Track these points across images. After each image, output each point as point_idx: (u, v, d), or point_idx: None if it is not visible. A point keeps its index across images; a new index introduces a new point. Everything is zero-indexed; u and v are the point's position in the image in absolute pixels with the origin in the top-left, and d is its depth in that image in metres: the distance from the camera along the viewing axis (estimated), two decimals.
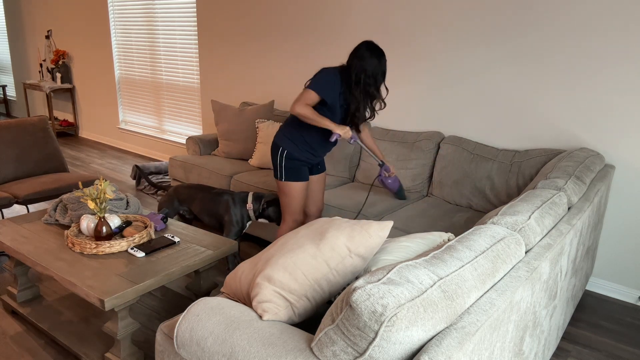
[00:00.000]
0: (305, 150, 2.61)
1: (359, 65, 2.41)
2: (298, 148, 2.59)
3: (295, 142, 2.59)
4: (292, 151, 2.58)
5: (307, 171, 2.66)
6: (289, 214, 2.70)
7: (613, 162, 2.84)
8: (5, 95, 8.35)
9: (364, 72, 2.41)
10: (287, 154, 2.58)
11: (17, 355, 2.24)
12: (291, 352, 1.19)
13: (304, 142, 2.60)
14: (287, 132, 2.61)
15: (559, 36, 2.88)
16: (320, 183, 2.83)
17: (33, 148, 3.63)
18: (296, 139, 2.59)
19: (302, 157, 2.61)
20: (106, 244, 2.19)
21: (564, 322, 2.27)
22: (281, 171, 2.62)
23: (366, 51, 2.42)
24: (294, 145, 2.59)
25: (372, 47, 2.43)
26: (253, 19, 4.41)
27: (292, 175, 2.61)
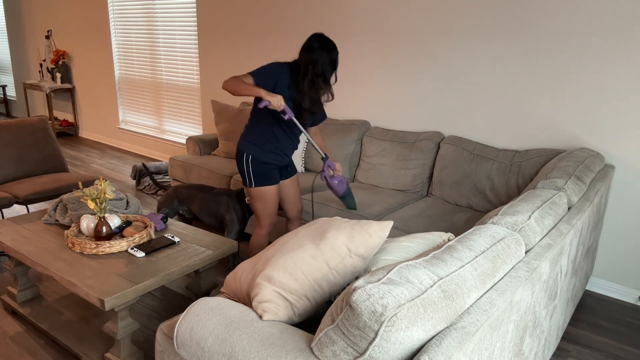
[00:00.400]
0: (271, 151, 2.54)
1: (307, 57, 2.41)
2: (263, 151, 2.52)
3: (258, 144, 2.52)
4: (257, 155, 2.51)
5: (277, 173, 2.59)
6: (264, 218, 2.64)
7: (613, 162, 2.84)
8: (5, 95, 8.35)
9: (312, 64, 2.40)
10: (253, 159, 2.51)
11: (17, 355, 2.24)
12: (291, 352, 1.19)
13: (267, 143, 2.52)
14: (248, 137, 2.54)
15: (559, 36, 2.88)
16: (294, 187, 2.76)
17: (33, 148, 3.63)
18: (258, 142, 2.52)
19: (270, 160, 2.54)
20: (106, 244, 2.19)
21: (564, 322, 2.27)
22: (249, 178, 2.54)
23: (315, 43, 2.41)
24: (258, 148, 2.52)
25: (322, 39, 2.42)
26: (253, 19, 4.41)
27: (262, 179, 2.54)
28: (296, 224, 2.88)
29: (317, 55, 2.39)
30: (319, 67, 2.40)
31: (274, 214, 2.66)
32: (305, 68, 2.41)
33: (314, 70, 2.41)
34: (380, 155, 3.47)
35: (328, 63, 2.42)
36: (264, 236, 2.68)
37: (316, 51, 2.40)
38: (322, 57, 2.40)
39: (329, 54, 2.42)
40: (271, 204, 2.61)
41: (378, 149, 3.50)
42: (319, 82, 2.44)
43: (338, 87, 3.95)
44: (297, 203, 2.81)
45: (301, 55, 2.44)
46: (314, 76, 2.42)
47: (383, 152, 3.46)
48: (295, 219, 2.86)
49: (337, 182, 2.75)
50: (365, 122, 3.72)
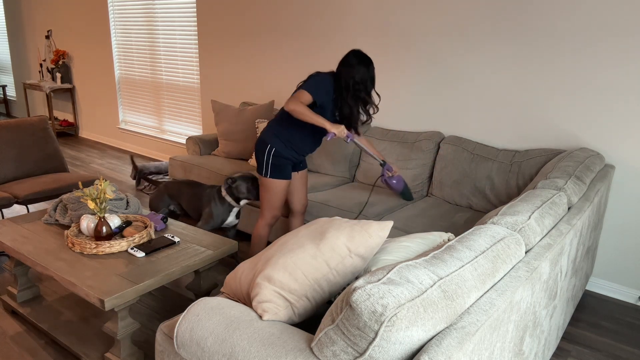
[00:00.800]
0: (291, 148, 2.64)
1: (347, 72, 2.50)
2: (285, 147, 2.62)
3: (283, 140, 2.62)
4: (279, 149, 2.61)
5: (290, 169, 2.70)
6: (269, 210, 2.73)
7: (613, 162, 2.84)
8: (5, 95, 8.35)
9: (353, 79, 2.49)
10: (275, 152, 2.61)
11: (17, 355, 2.24)
12: (291, 352, 1.19)
13: (290, 141, 2.63)
14: (276, 130, 2.63)
15: (560, 37, 2.89)
16: (302, 179, 2.88)
17: (33, 148, 3.63)
18: (284, 137, 2.62)
19: (288, 155, 2.64)
20: (106, 244, 2.19)
21: (564, 322, 2.27)
22: (266, 168, 2.64)
23: (354, 59, 2.51)
24: (281, 143, 2.62)
25: (360, 55, 2.52)
26: (253, 19, 4.41)
27: (277, 172, 2.64)
28: (299, 219, 2.95)
29: (357, 71, 2.49)
30: (359, 82, 2.50)
31: (278, 208, 2.74)
32: (347, 83, 2.51)
33: (355, 85, 2.50)
34: None
35: (367, 78, 2.52)
36: (263, 227, 2.77)
37: (355, 67, 2.49)
38: (361, 72, 2.50)
39: (367, 70, 2.51)
40: (278, 198, 2.70)
41: (378, 149, 3.50)
42: (362, 95, 2.55)
43: None
44: (303, 197, 2.90)
45: (341, 70, 2.53)
46: (356, 90, 2.52)
47: (383, 152, 3.46)
48: (298, 214, 2.93)
49: (396, 182, 2.99)
50: None
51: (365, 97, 2.57)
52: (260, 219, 2.78)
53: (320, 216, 3.08)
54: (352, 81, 2.50)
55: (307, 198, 2.94)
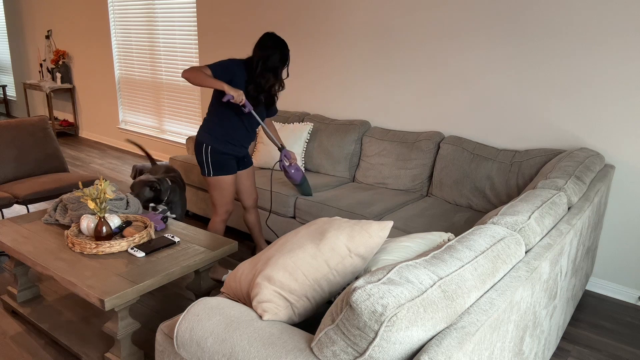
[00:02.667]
0: (228, 142, 2.72)
1: (260, 54, 2.62)
2: (221, 142, 2.70)
3: (216, 136, 2.69)
4: (216, 145, 2.69)
5: (234, 164, 2.78)
6: (220, 206, 2.81)
7: (613, 162, 2.84)
8: (5, 95, 8.35)
9: (265, 60, 2.61)
10: (211, 149, 2.69)
11: (17, 355, 2.24)
12: (291, 352, 1.19)
13: (225, 135, 2.70)
14: (208, 128, 2.71)
15: (559, 37, 2.89)
16: (249, 177, 2.96)
17: (33, 148, 3.63)
18: (218, 133, 2.70)
19: (227, 150, 2.72)
20: (106, 244, 2.19)
21: (564, 322, 2.27)
22: (208, 167, 2.72)
23: (268, 41, 2.64)
24: (216, 139, 2.69)
25: (274, 37, 2.65)
26: (253, 19, 4.41)
27: (220, 169, 2.72)
28: (252, 212, 3.05)
29: (270, 52, 2.61)
30: (269, 63, 2.62)
31: (229, 203, 2.83)
32: (257, 63, 2.62)
33: (265, 65, 2.62)
34: (380, 155, 3.47)
35: (279, 60, 2.64)
36: (219, 223, 2.85)
37: (269, 49, 2.62)
38: (275, 54, 2.62)
39: (280, 51, 2.64)
40: (227, 193, 2.79)
41: (378, 149, 3.50)
42: (269, 76, 2.65)
43: (338, 87, 3.96)
44: (253, 193, 3.00)
45: (254, 52, 2.65)
46: (264, 70, 2.63)
47: (383, 152, 3.46)
48: (251, 208, 3.03)
49: (294, 170, 2.98)
50: (365, 122, 3.72)
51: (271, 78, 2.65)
52: (214, 216, 2.85)
53: (320, 216, 3.08)
54: (261, 62, 2.61)
55: (257, 192, 3.06)
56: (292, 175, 2.98)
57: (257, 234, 3.12)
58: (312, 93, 4.15)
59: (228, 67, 2.60)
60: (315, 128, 3.82)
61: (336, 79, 3.96)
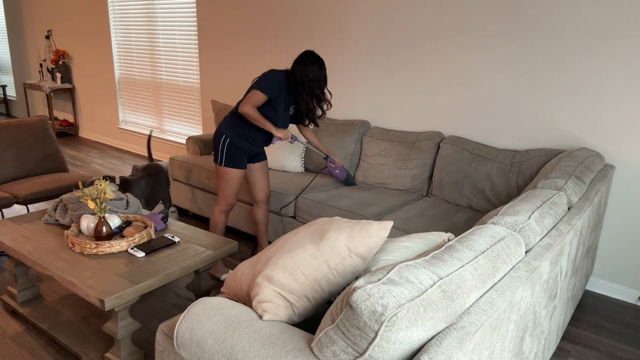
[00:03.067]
0: (246, 140, 2.82)
1: (301, 70, 2.70)
2: (240, 138, 2.80)
3: (238, 133, 2.80)
4: (234, 140, 2.79)
5: (245, 160, 2.88)
6: (223, 198, 2.90)
7: (613, 162, 2.84)
8: (5, 95, 8.35)
9: (307, 77, 2.70)
10: (230, 142, 2.80)
11: (17, 355, 2.24)
12: (291, 352, 1.19)
13: (245, 135, 2.81)
14: (232, 123, 2.82)
15: (559, 37, 2.89)
16: (263, 170, 3.04)
17: (33, 148, 3.63)
18: (239, 131, 2.80)
19: (243, 146, 2.82)
20: (106, 244, 2.19)
21: (564, 322, 2.27)
22: (221, 157, 2.82)
23: (307, 58, 2.71)
24: (236, 135, 2.80)
25: (313, 55, 2.73)
26: (253, 19, 4.41)
27: (231, 161, 2.82)
28: (262, 207, 3.11)
29: (310, 70, 2.70)
30: (313, 80, 2.71)
31: (232, 196, 2.90)
32: (301, 79, 2.71)
33: (309, 82, 2.71)
34: (380, 155, 3.47)
35: (320, 77, 2.74)
36: (218, 213, 2.94)
37: (309, 66, 2.70)
38: (315, 71, 2.71)
39: (319, 69, 2.72)
40: (232, 186, 2.87)
41: (378, 149, 3.50)
42: (317, 92, 2.75)
43: (338, 87, 3.96)
44: (265, 187, 3.07)
45: (295, 68, 2.73)
46: (310, 87, 2.72)
47: (383, 152, 3.46)
48: (262, 202, 3.09)
49: (339, 171, 3.34)
50: (365, 122, 3.72)
51: (318, 94, 2.77)
52: (216, 206, 2.95)
53: (320, 216, 3.08)
54: (306, 79, 2.70)
55: (270, 188, 3.12)
56: (337, 175, 3.37)
57: (262, 231, 3.15)
58: None
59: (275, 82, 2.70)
60: (316, 128, 3.82)
61: (336, 79, 3.96)
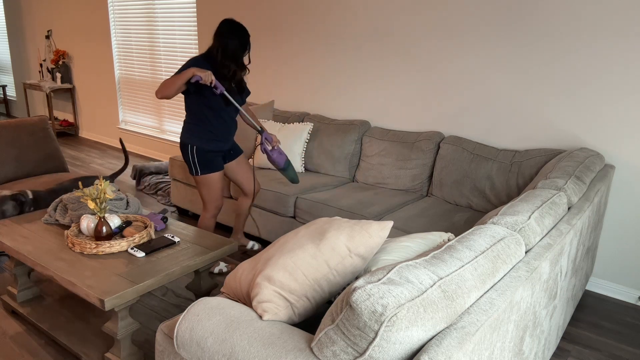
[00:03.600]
0: (212, 139, 2.75)
1: (218, 42, 2.64)
2: (205, 140, 2.73)
3: (199, 136, 2.73)
4: (200, 145, 2.73)
5: (220, 160, 2.83)
6: (210, 203, 2.88)
7: (613, 162, 2.84)
8: (5, 95, 8.35)
9: (222, 47, 2.63)
10: (197, 149, 2.73)
11: (17, 355, 2.24)
12: (291, 352, 1.19)
13: (207, 133, 2.73)
14: (188, 129, 2.76)
15: (559, 37, 2.88)
16: (242, 165, 3.00)
17: (33, 148, 3.63)
18: (201, 133, 2.73)
19: (212, 148, 2.76)
20: (106, 244, 2.19)
21: (564, 322, 2.27)
22: (195, 167, 2.77)
23: (225, 28, 2.65)
24: (199, 139, 2.73)
25: (232, 24, 2.66)
26: (253, 19, 4.41)
27: (207, 167, 2.77)
28: (249, 201, 3.12)
29: (228, 40, 2.63)
30: (229, 50, 2.64)
31: (218, 199, 2.88)
32: (217, 52, 2.65)
33: (225, 53, 2.64)
34: (380, 155, 3.47)
35: (238, 46, 2.66)
36: (209, 219, 2.92)
37: (226, 36, 2.63)
38: (233, 40, 2.64)
39: (239, 38, 2.65)
40: (216, 190, 2.85)
41: (378, 149, 3.50)
42: (229, 63, 2.66)
43: (338, 87, 3.96)
44: (250, 180, 3.04)
45: (213, 41, 2.67)
46: (224, 58, 2.65)
47: (383, 152, 3.46)
48: (250, 195, 3.09)
49: (277, 154, 2.86)
50: (365, 122, 3.72)
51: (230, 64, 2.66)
52: (204, 212, 2.91)
53: (320, 216, 3.08)
54: (221, 49, 2.63)
55: (259, 182, 3.10)
56: (275, 158, 2.84)
57: (240, 222, 3.22)
58: (312, 93, 4.15)
59: (190, 66, 2.61)
60: (315, 128, 3.82)
61: (336, 79, 3.96)
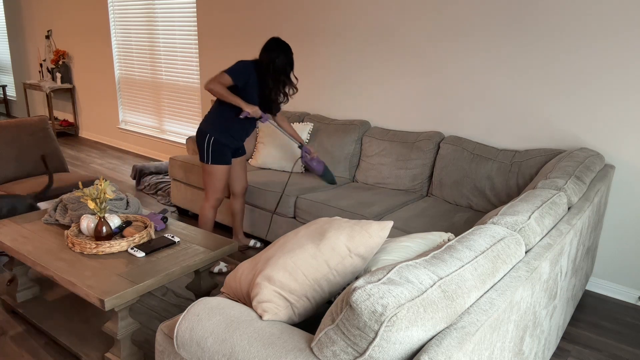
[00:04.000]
0: (229, 135, 2.93)
1: (267, 57, 2.81)
2: (222, 134, 2.90)
3: (219, 129, 2.90)
4: (218, 137, 2.90)
5: (230, 155, 2.98)
6: (212, 193, 3.01)
7: (613, 162, 2.84)
8: (5, 95, 8.35)
9: (273, 63, 2.80)
10: (214, 140, 2.89)
11: (17, 355, 2.24)
12: (291, 352, 1.19)
13: (227, 129, 2.91)
14: (212, 120, 2.93)
15: (559, 37, 2.88)
16: (241, 164, 3.18)
17: (33, 148, 3.63)
18: (221, 126, 2.90)
19: (226, 142, 2.93)
20: (106, 244, 2.19)
21: (564, 322, 2.27)
22: (208, 155, 2.92)
23: (273, 45, 2.82)
24: (218, 132, 2.90)
25: (279, 42, 2.83)
26: (253, 19, 4.41)
27: (218, 158, 2.93)
28: (240, 200, 3.26)
29: (276, 56, 2.80)
30: (279, 65, 2.80)
31: (220, 191, 3.02)
32: (267, 66, 2.81)
33: (275, 68, 2.80)
34: (380, 155, 3.47)
35: (286, 62, 2.83)
36: (208, 209, 3.04)
37: (274, 52, 2.80)
38: (280, 56, 2.80)
39: (285, 55, 2.82)
40: (220, 181, 2.98)
41: (378, 149, 3.50)
42: (282, 78, 2.85)
43: (339, 87, 3.96)
44: (243, 181, 3.22)
45: (262, 56, 2.84)
46: (275, 73, 2.82)
47: (383, 152, 3.46)
48: (239, 195, 3.25)
49: (316, 163, 3.19)
50: (365, 122, 3.72)
51: (284, 79, 2.86)
52: (205, 202, 3.04)
53: (320, 216, 3.08)
54: (272, 65, 2.80)
55: (247, 181, 3.25)
56: (314, 168, 3.19)
57: (238, 222, 3.32)
58: (312, 93, 4.15)
59: (243, 70, 2.78)
60: (315, 128, 3.82)
61: (336, 79, 3.96)
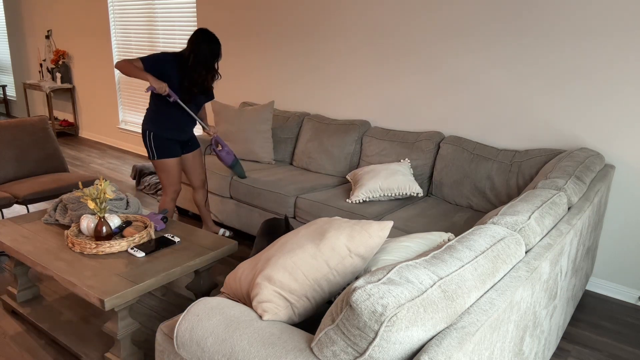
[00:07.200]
0: (169, 128, 2.98)
1: (190, 48, 2.88)
2: (162, 128, 2.96)
3: (157, 124, 2.96)
4: (157, 132, 2.96)
5: (177, 147, 3.04)
6: (169, 186, 3.09)
7: (613, 162, 2.84)
8: (5, 95, 8.35)
9: (194, 53, 2.86)
10: (154, 135, 2.96)
11: (17, 355, 2.24)
12: (291, 352, 1.19)
13: (165, 122, 2.96)
14: (148, 117, 3.00)
15: (559, 36, 2.89)
16: (196, 158, 3.24)
17: (33, 148, 3.63)
18: (157, 120, 2.96)
19: (169, 135, 2.99)
20: (106, 244, 2.19)
21: (564, 322, 2.27)
22: (152, 151, 3.00)
23: (196, 36, 2.89)
24: (156, 127, 2.96)
25: (205, 33, 2.89)
26: (253, 19, 4.41)
27: (163, 152, 2.99)
28: (200, 192, 3.34)
29: (199, 47, 2.86)
30: (200, 57, 2.87)
31: (176, 183, 3.10)
32: (187, 57, 2.88)
33: (196, 59, 2.87)
34: (380, 155, 3.47)
35: (208, 53, 2.89)
36: (168, 202, 3.13)
37: (199, 44, 2.86)
38: (202, 48, 2.86)
39: (208, 45, 2.88)
40: (173, 175, 3.06)
41: (378, 149, 3.50)
42: (201, 69, 2.90)
43: (339, 87, 3.96)
44: (201, 174, 3.29)
45: (186, 47, 2.91)
46: (196, 64, 2.88)
47: (383, 152, 3.46)
48: (199, 188, 3.32)
49: (225, 154, 3.19)
50: (365, 122, 3.72)
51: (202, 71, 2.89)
52: (163, 196, 3.12)
53: (320, 216, 3.08)
54: (193, 55, 2.86)
55: (205, 173, 3.32)
56: (223, 157, 3.20)
57: (204, 212, 3.42)
58: (312, 93, 4.15)
59: (159, 59, 2.86)
60: (316, 128, 3.82)
61: (336, 79, 3.96)
